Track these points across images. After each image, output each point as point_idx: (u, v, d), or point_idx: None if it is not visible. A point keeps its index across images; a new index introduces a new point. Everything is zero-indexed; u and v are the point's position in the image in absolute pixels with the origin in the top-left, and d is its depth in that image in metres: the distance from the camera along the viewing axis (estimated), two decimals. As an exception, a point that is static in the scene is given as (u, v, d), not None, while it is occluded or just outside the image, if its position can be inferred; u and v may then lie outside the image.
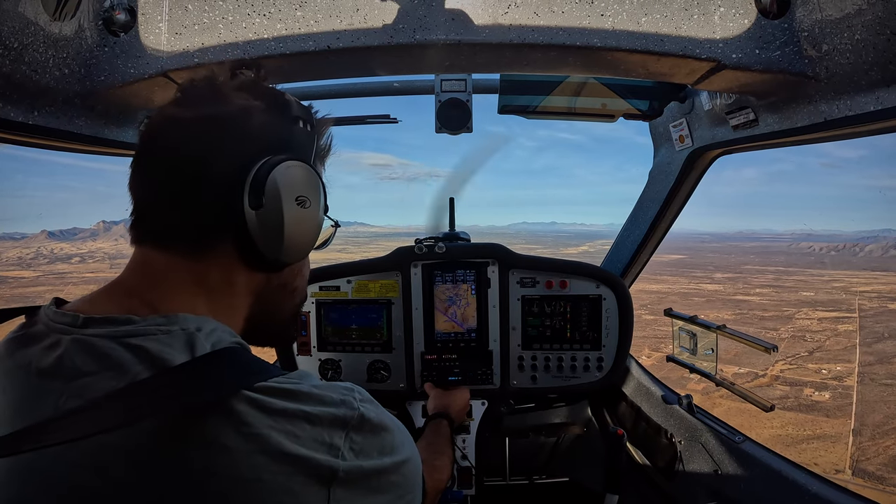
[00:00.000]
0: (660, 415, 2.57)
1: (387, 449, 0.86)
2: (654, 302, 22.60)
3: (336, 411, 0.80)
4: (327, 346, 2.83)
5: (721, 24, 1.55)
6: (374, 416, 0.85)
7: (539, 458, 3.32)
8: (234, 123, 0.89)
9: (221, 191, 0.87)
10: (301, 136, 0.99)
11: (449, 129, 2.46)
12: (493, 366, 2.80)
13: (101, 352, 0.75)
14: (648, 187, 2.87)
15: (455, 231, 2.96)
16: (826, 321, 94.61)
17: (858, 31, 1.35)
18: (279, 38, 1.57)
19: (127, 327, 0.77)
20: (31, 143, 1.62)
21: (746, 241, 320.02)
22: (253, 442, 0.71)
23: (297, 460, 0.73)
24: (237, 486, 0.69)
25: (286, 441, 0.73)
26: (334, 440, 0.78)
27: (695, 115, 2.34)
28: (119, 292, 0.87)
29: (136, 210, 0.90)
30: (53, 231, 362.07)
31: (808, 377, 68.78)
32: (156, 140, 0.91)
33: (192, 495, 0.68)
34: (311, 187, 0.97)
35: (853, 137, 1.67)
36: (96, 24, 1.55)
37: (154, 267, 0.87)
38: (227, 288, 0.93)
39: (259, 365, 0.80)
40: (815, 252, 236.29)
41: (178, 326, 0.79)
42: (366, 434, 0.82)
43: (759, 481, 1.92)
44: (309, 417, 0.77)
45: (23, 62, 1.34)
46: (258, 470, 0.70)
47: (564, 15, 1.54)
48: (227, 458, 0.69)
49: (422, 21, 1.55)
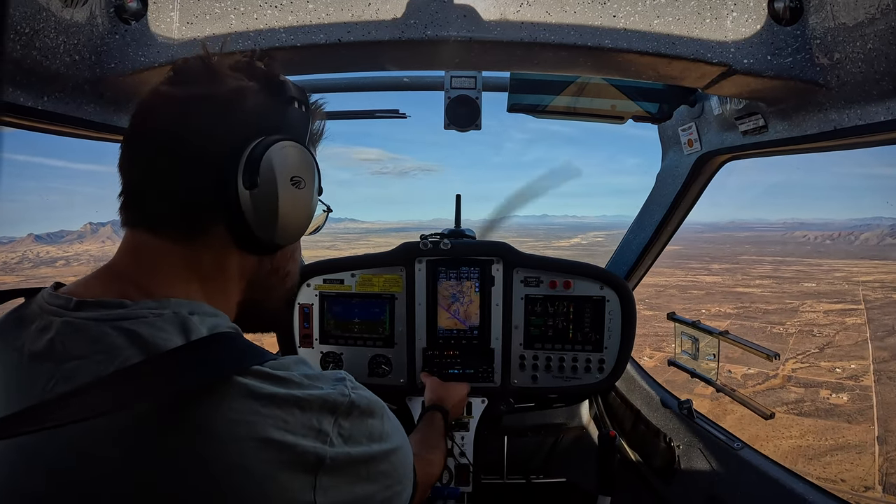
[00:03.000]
0: (659, 418, 2.57)
1: (376, 436, 0.85)
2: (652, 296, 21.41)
3: (326, 396, 0.79)
4: (329, 339, 2.84)
5: (733, 29, 1.54)
6: (365, 402, 0.85)
7: (537, 458, 3.33)
8: (228, 103, 0.88)
9: (215, 171, 0.86)
10: (296, 117, 0.98)
11: (458, 125, 2.46)
12: (495, 364, 2.80)
13: (92, 335, 0.74)
14: (655, 190, 2.86)
15: (461, 228, 2.96)
16: (832, 314, 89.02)
17: (871, 41, 1.34)
18: (290, 30, 1.57)
19: (119, 311, 0.77)
20: (40, 129, 1.63)
21: (739, 231, 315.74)
22: (242, 428, 0.71)
23: (284, 447, 0.72)
24: (224, 472, 0.69)
25: (274, 428, 0.72)
26: (323, 425, 0.77)
27: (704, 120, 2.33)
28: (111, 276, 0.86)
29: (126, 192, 0.89)
30: (40, 234, 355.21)
31: (823, 377, 63.48)
32: (146, 119, 0.89)
33: (178, 481, 0.68)
34: (305, 168, 0.96)
35: (863, 147, 1.67)
36: (108, 12, 1.55)
37: (146, 250, 0.87)
38: (220, 272, 0.92)
39: (253, 350, 0.80)
40: (810, 241, 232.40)
41: (171, 310, 0.79)
42: (355, 420, 0.82)
43: (756, 489, 1.92)
44: (300, 403, 0.76)
45: (34, 48, 1.35)
46: (245, 457, 0.70)
47: (576, 15, 1.54)
48: (215, 443, 0.69)
49: (433, 17, 1.54)
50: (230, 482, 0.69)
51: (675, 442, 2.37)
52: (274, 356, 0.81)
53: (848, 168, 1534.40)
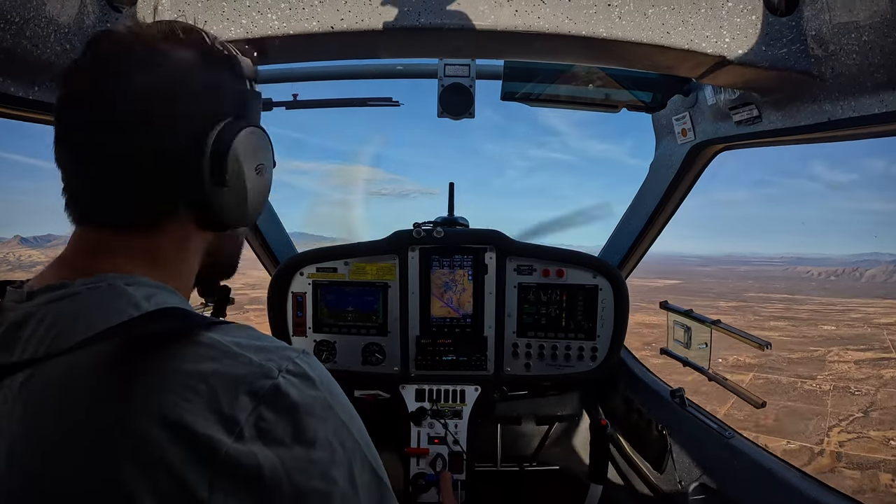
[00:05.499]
0: (651, 407, 2.59)
1: (307, 436, 0.69)
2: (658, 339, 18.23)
3: (245, 374, 0.68)
4: (322, 328, 2.84)
5: (728, 19, 1.54)
6: (296, 394, 0.70)
7: (530, 446, 3.36)
8: (174, 84, 0.80)
9: (174, 168, 0.80)
10: (248, 94, 0.90)
11: (451, 113, 2.44)
12: (488, 352, 2.82)
13: (37, 318, 0.73)
14: (649, 179, 2.86)
15: (454, 216, 2.96)
16: (864, 364, 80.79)
17: (866, 33, 1.34)
18: (283, 17, 1.55)
19: (60, 291, 0.75)
20: (31, 118, 1.61)
21: (737, 265, 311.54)
22: (137, 403, 0.64)
23: (178, 429, 0.63)
24: (123, 450, 0.63)
25: (172, 406, 0.64)
26: (237, 412, 0.66)
27: (698, 109, 2.32)
28: (58, 263, 0.83)
29: (68, 188, 0.82)
30: (27, 237, 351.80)
31: (877, 452, 51.57)
32: (81, 107, 0.79)
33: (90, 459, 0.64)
34: (267, 151, 0.92)
35: (856, 139, 1.67)
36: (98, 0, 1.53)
37: (97, 242, 0.82)
38: (179, 254, 0.87)
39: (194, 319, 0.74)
40: (813, 277, 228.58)
41: (106, 283, 0.76)
42: (280, 412, 0.68)
43: (747, 476, 1.94)
44: (206, 378, 0.66)
45: (24, 37, 1.32)
46: (139, 435, 0.63)
47: (570, 3, 1.53)
48: (108, 418, 0.64)
49: (427, 4, 1.53)
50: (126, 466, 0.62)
51: (667, 430, 2.39)
52: (224, 322, 0.76)
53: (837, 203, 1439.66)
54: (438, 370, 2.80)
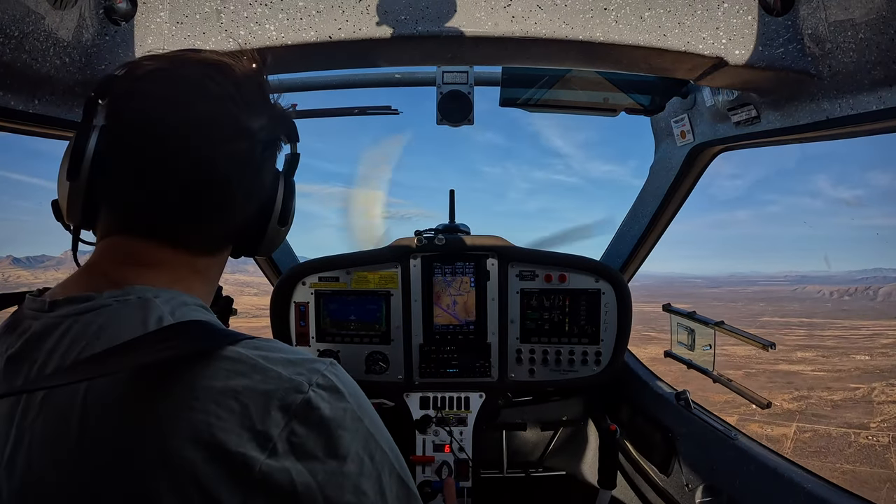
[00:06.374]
0: (657, 410, 2.58)
1: (340, 450, 0.70)
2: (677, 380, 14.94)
3: (276, 389, 0.68)
4: (326, 337, 2.83)
5: (724, 21, 1.54)
6: (327, 408, 0.70)
7: (536, 452, 3.34)
8: (254, 149, 0.86)
9: (251, 205, 0.90)
10: (294, 155, 1.01)
11: (450, 120, 2.45)
12: (492, 359, 2.81)
13: (61, 331, 0.73)
14: (649, 182, 2.86)
15: (455, 223, 2.95)
16: None
17: (862, 31, 1.34)
18: (280, 28, 1.56)
19: (86, 304, 0.75)
20: (31, 132, 1.62)
21: (744, 286, 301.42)
22: (168, 422, 0.64)
23: (212, 447, 0.63)
24: (152, 469, 0.62)
25: (203, 424, 0.64)
26: (269, 428, 0.66)
27: (697, 111, 2.33)
28: (84, 273, 0.83)
29: (114, 197, 0.83)
30: (20, 258, 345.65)
31: None
32: (153, 139, 0.80)
33: (118, 478, 0.63)
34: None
35: (855, 136, 1.67)
36: (97, 13, 1.54)
37: (135, 253, 0.82)
38: (218, 274, 0.96)
39: (222, 334, 0.73)
40: (826, 297, 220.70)
41: (135, 296, 0.76)
42: (311, 427, 0.68)
43: (754, 477, 1.93)
44: (237, 394, 0.66)
45: (23, 51, 1.33)
46: (170, 455, 0.62)
47: (567, 8, 1.54)
48: (138, 438, 0.64)
49: (424, 13, 1.54)
50: (155, 482, 0.63)
51: (674, 433, 2.38)
52: (246, 336, 0.76)
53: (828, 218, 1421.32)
54: (442, 378, 2.79)
